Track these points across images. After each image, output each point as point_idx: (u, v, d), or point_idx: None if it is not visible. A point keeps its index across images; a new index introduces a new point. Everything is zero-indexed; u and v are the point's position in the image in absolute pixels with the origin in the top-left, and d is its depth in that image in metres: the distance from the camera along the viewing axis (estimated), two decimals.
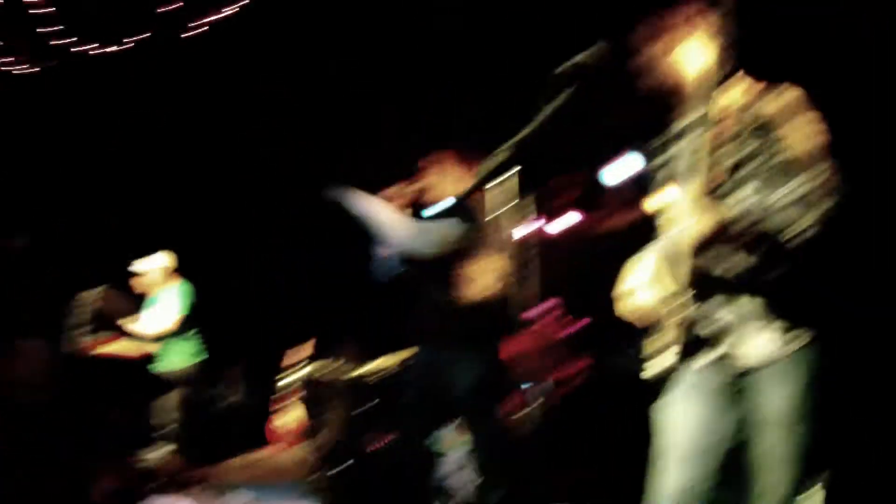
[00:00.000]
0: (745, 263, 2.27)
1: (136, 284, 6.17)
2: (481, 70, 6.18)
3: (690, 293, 2.27)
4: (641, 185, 5.66)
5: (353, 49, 6.57)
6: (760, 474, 2.34)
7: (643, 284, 2.44)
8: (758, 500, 2.34)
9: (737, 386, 2.34)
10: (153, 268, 6.19)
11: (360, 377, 2.08)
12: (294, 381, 7.74)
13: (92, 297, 5.35)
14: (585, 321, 5.73)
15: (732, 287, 2.30)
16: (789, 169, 2.16)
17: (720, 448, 2.36)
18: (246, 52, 6.50)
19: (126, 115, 7.24)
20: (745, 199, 2.21)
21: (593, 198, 6.32)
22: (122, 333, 5.94)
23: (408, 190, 3.69)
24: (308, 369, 2.10)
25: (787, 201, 2.12)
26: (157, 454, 6.43)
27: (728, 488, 2.40)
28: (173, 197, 8.06)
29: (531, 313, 6.10)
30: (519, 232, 4.38)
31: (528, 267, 5.01)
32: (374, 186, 3.51)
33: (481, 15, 6.08)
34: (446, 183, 3.62)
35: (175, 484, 5.52)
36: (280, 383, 7.14)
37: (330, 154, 6.94)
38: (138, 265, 6.17)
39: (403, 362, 2.30)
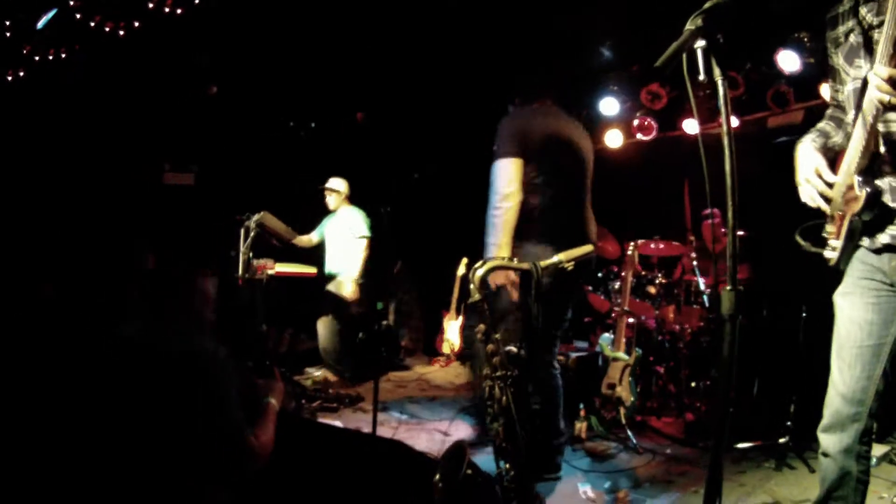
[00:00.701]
0: None
1: (327, 200, 6.61)
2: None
3: (863, 175, 2.15)
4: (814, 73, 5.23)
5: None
6: None
7: (812, 172, 2.35)
8: None
9: None
10: (336, 188, 6.58)
11: (533, 274, 1.99)
12: (460, 296, 7.87)
13: (254, 222, 5.47)
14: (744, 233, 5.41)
15: None
16: None
17: (881, 353, 2.29)
18: None
19: None
20: None
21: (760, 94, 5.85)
22: (283, 254, 6.15)
23: None
24: (477, 276, 2.01)
25: None
26: (316, 374, 6.70)
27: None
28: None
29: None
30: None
31: None
32: None
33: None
34: None
35: (333, 403, 5.68)
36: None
37: None
38: (329, 183, 6.61)
39: (578, 258, 2.18)
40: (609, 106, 6.78)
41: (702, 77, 1.77)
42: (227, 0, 6.65)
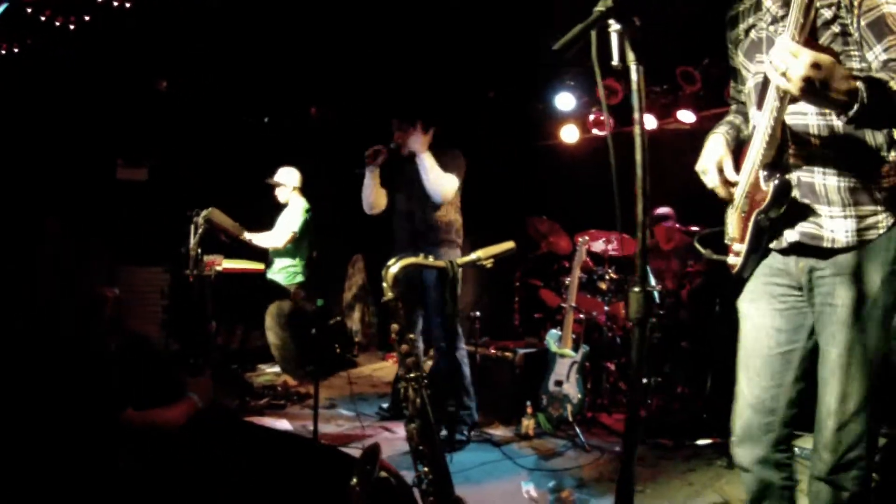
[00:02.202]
0: (835, 128, 2.00)
1: (276, 194, 6.43)
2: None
3: (769, 168, 2.05)
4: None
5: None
6: (821, 397, 2.09)
7: (712, 163, 2.24)
8: (818, 425, 2.10)
9: (809, 284, 2.11)
10: (285, 181, 6.39)
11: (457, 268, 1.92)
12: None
13: (202, 218, 5.36)
14: (699, 228, 5.40)
15: (818, 158, 2.04)
16: (880, 28, 1.90)
17: (791, 359, 2.18)
18: None
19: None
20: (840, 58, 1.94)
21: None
22: (233, 251, 6.04)
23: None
24: (390, 274, 1.93)
25: (882, 59, 1.89)
26: (263, 372, 6.59)
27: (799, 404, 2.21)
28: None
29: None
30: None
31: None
32: None
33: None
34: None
35: (280, 400, 5.59)
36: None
37: None
38: (276, 176, 6.41)
39: (497, 256, 2.10)
40: (565, 101, 6.73)
41: (615, 62, 1.69)
42: None
